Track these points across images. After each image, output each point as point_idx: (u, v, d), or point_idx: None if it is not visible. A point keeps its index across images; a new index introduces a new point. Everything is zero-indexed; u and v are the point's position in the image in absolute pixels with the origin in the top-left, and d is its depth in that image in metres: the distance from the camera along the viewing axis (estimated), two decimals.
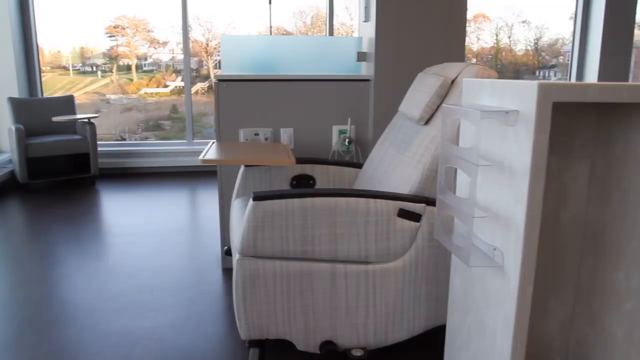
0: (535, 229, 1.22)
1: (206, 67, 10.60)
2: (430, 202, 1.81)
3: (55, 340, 2.21)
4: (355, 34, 3.34)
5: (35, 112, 5.04)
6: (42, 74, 5.75)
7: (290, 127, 2.81)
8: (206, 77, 10.55)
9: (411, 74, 2.38)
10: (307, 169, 2.42)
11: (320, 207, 1.73)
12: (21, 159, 4.67)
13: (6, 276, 3.05)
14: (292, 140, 2.81)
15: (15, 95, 5.14)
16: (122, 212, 4.36)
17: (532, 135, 1.17)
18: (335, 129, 2.86)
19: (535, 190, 1.20)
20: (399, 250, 1.80)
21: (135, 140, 9.17)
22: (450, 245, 1.51)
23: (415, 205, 1.79)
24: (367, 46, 2.96)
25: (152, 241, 3.50)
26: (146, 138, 9.81)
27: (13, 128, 4.69)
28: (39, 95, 5.61)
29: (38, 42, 5.63)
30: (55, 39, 9.43)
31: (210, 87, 10.60)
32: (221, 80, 2.72)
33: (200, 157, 2.02)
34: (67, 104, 5.28)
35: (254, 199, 1.72)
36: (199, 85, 8.98)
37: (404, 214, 1.78)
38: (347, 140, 2.84)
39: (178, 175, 5.34)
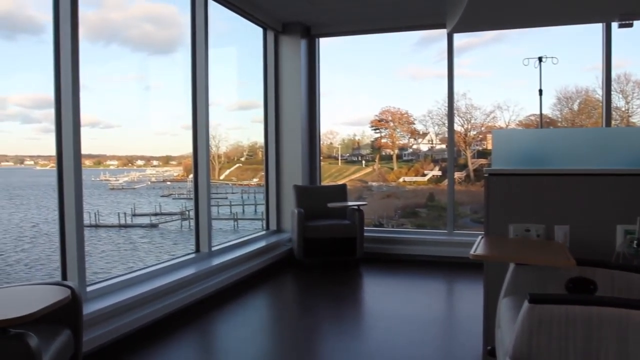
0: None
1: (464, 156, 10.72)
2: None
3: None
4: (633, 119, 3.02)
5: (314, 198, 5.69)
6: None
7: (565, 224, 2.61)
8: (463, 167, 10.64)
9: None
10: (587, 272, 2.19)
11: (608, 318, 1.54)
12: (300, 238, 5.28)
13: (277, 345, 3.40)
14: (568, 239, 2.60)
15: (299, 183, 5.90)
16: (381, 296, 4.53)
17: None
18: (620, 229, 2.56)
19: None
20: None
21: (392, 225, 9.60)
22: None
23: None
24: None
25: (409, 330, 3.53)
26: (402, 224, 10.19)
27: (295, 211, 5.36)
28: (317, 183, 6.33)
29: (321, 138, 6.43)
30: (328, 132, 10.68)
31: (467, 177, 10.64)
32: (492, 175, 2.70)
33: (471, 252, 2.01)
34: (340, 191, 5.84)
35: (530, 301, 1.63)
36: (456, 175, 9.07)
37: None
38: (635, 242, 2.51)
39: (437, 265, 5.35)
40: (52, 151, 3.20)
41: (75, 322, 2.21)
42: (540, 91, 6.62)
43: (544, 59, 6.50)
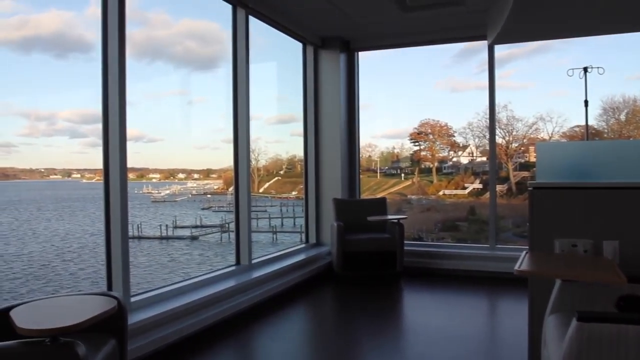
0: None
1: (505, 169, 10.51)
2: None
3: None
4: None
5: (353, 211, 5.67)
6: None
7: (615, 239, 2.52)
8: (505, 179, 10.43)
9: None
10: (639, 290, 2.11)
11: None
12: (339, 252, 5.27)
13: (317, 359, 3.38)
14: (617, 255, 2.51)
15: (339, 196, 5.90)
16: (422, 311, 4.47)
17: None
18: None
19: None
20: None
21: (432, 239, 9.44)
22: None
23: None
24: None
25: (450, 347, 3.46)
26: (442, 238, 10.03)
27: (335, 225, 5.36)
28: (357, 197, 6.31)
29: (360, 152, 6.43)
30: (367, 145, 10.67)
31: (509, 190, 10.42)
32: (536, 188, 2.64)
33: (516, 267, 1.97)
34: (379, 204, 5.81)
35: (579, 319, 1.58)
36: (498, 188, 8.90)
37: None
38: None
39: (479, 280, 5.24)
40: (97, 164, 3.31)
41: (120, 332, 2.26)
42: (586, 102, 6.44)
43: (589, 69, 6.34)
